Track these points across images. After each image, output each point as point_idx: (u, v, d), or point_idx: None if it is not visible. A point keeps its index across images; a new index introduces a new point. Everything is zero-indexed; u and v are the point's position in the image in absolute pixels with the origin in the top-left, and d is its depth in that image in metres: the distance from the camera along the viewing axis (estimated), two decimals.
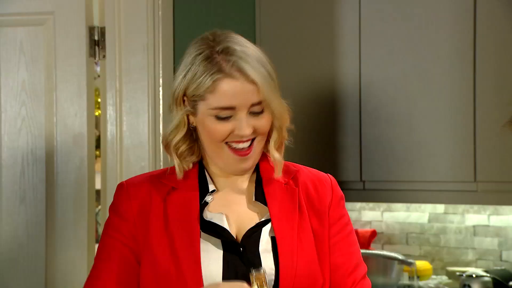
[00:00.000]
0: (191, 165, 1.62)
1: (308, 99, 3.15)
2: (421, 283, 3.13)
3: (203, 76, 1.52)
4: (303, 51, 3.17)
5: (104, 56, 2.94)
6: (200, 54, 1.54)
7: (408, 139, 2.99)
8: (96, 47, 2.94)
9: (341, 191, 1.67)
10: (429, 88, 2.96)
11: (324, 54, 3.14)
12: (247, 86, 1.52)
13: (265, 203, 1.59)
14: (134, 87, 2.94)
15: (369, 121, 3.05)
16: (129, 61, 2.94)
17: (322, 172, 1.69)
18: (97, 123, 3.26)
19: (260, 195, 1.60)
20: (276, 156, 1.59)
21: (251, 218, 1.58)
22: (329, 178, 1.67)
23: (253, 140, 1.56)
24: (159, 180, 1.61)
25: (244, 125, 1.53)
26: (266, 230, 1.56)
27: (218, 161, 1.59)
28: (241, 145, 1.55)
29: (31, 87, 2.94)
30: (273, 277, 1.52)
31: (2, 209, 2.94)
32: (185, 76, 1.56)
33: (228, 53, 1.53)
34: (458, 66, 2.91)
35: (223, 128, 1.53)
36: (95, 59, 2.96)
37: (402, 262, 3.06)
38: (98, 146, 3.21)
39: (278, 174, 1.60)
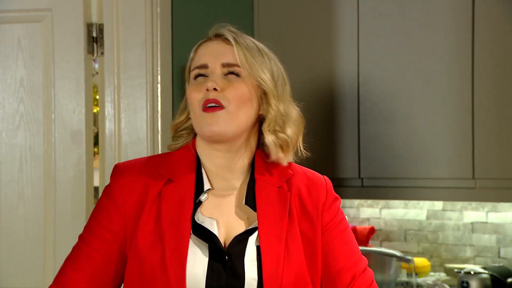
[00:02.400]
0: (179, 144, 1.64)
1: (307, 96, 3.15)
2: (419, 280, 3.13)
3: (191, 52, 1.61)
4: (302, 49, 3.17)
5: (102, 53, 2.94)
6: None
7: (406, 136, 2.99)
8: (94, 44, 2.94)
9: (336, 194, 1.65)
10: (427, 86, 2.96)
11: (322, 51, 3.13)
12: (221, 46, 1.57)
13: (255, 208, 1.57)
14: (132, 84, 2.94)
15: (368, 119, 3.05)
16: (127, 58, 2.93)
17: (318, 174, 1.67)
18: (95, 120, 3.26)
19: (251, 199, 1.58)
20: (269, 139, 1.57)
21: (240, 224, 1.57)
22: (324, 180, 1.66)
23: (223, 107, 1.54)
24: (156, 169, 1.59)
25: (210, 78, 1.54)
26: (252, 239, 1.54)
27: (196, 126, 1.57)
28: (209, 105, 1.53)
29: (29, 84, 2.93)
30: (254, 287, 1.51)
31: (1, 206, 2.94)
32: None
33: (215, 27, 1.60)
34: (456, 63, 2.91)
35: (198, 88, 1.55)
36: (93, 56, 2.95)
37: (400, 259, 3.07)
38: (96, 143, 3.21)
39: (273, 156, 1.58)
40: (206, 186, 1.58)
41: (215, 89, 1.53)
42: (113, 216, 1.57)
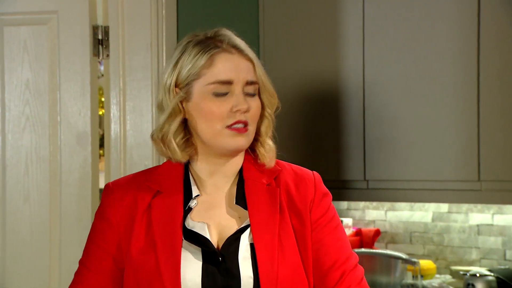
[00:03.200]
0: (187, 157, 1.61)
1: (312, 98, 3.15)
2: (425, 282, 3.13)
3: (198, 55, 1.54)
4: (307, 51, 3.17)
5: (107, 55, 2.94)
6: (191, 41, 1.57)
7: (411, 138, 2.99)
8: (100, 46, 2.95)
9: (326, 189, 1.64)
10: (433, 88, 2.95)
11: (327, 53, 3.13)
12: (243, 62, 1.55)
13: (246, 207, 1.57)
14: (138, 86, 2.94)
15: (373, 121, 3.05)
16: (133, 60, 2.94)
17: (307, 170, 1.66)
18: (100, 122, 3.27)
19: (241, 198, 1.58)
20: (271, 143, 1.60)
21: (232, 224, 1.57)
22: (313, 175, 1.65)
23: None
24: (145, 182, 1.61)
25: (242, 99, 1.53)
26: (245, 237, 1.55)
27: (213, 143, 1.56)
28: (239, 125, 1.54)
29: (35, 86, 2.94)
30: (252, 286, 1.51)
31: (6, 207, 2.94)
32: (176, 64, 1.57)
33: (220, 35, 1.57)
34: (462, 65, 2.90)
35: (221, 105, 1.53)
36: (98, 58, 2.96)
37: (405, 261, 3.06)
38: (101, 145, 3.21)
39: (270, 163, 1.60)
40: (195, 192, 1.59)
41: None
42: (108, 236, 1.59)
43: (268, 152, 1.60)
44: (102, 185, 3.06)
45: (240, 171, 1.62)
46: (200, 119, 1.56)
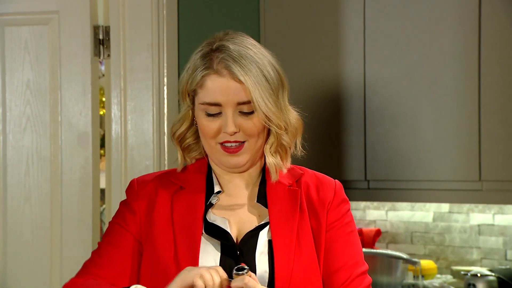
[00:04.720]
0: (194, 160, 1.66)
1: (313, 98, 3.15)
2: (426, 282, 3.12)
3: (196, 71, 1.57)
4: (308, 51, 3.17)
5: (108, 55, 2.95)
6: (201, 51, 1.60)
7: (412, 138, 2.99)
8: (101, 46, 2.95)
9: (346, 196, 1.67)
10: (434, 87, 2.95)
11: (328, 53, 3.13)
12: (232, 84, 1.54)
13: (267, 206, 1.61)
14: (139, 86, 2.94)
15: (374, 121, 3.05)
16: (134, 60, 2.94)
17: (330, 178, 1.69)
18: (101, 122, 3.27)
19: (262, 197, 1.62)
20: (270, 160, 1.60)
21: (251, 221, 1.60)
22: (334, 182, 1.67)
23: (243, 142, 1.57)
24: (168, 178, 1.65)
25: (229, 122, 1.55)
26: (264, 233, 1.58)
27: (212, 157, 1.62)
28: (228, 144, 1.57)
29: (36, 86, 2.94)
30: (266, 280, 1.54)
31: (7, 208, 2.95)
32: (187, 71, 1.61)
33: (220, 50, 1.56)
34: (463, 65, 2.90)
35: (211, 125, 1.56)
36: (99, 58, 2.96)
37: (406, 261, 3.06)
38: (102, 145, 3.22)
39: (273, 178, 1.61)
40: (216, 188, 1.63)
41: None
42: (129, 220, 1.62)
43: (271, 167, 1.61)
44: (103, 185, 3.07)
45: (264, 172, 1.65)
46: (199, 129, 1.61)
